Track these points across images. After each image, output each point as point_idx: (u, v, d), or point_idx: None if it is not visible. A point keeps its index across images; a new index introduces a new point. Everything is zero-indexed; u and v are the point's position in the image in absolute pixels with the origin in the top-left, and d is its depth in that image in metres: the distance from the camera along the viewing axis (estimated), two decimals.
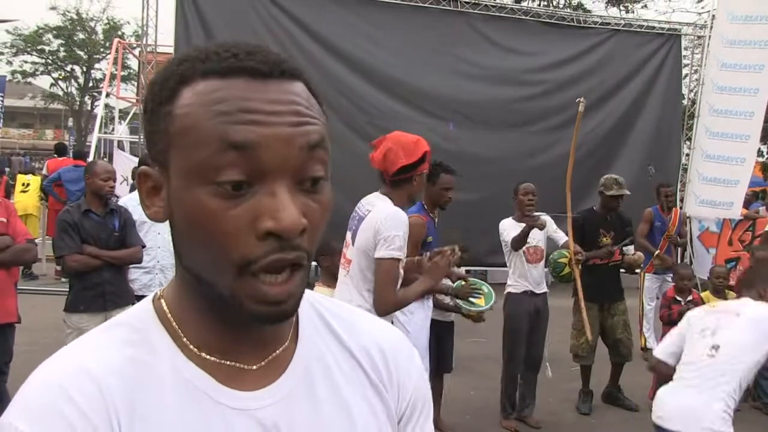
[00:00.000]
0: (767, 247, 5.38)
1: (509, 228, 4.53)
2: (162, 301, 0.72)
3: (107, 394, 0.63)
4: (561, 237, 4.70)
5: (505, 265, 4.76)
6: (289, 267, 0.63)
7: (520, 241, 4.40)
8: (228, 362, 0.69)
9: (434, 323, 3.99)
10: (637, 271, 6.98)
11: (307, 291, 0.81)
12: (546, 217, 4.62)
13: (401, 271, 2.73)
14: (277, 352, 0.72)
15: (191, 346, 0.69)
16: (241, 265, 0.61)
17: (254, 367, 0.70)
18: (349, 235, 2.86)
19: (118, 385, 0.64)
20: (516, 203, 4.62)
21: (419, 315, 3.50)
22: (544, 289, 4.63)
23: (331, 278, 3.66)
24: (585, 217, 5.03)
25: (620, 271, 5.15)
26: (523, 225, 4.44)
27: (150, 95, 0.67)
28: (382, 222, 2.66)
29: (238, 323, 0.68)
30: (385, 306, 2.68)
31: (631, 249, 5.04)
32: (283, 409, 0.69)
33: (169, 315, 0.70)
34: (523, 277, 4.52)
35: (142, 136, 8.73)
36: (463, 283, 3.75)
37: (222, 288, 0.63)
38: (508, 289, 4.62)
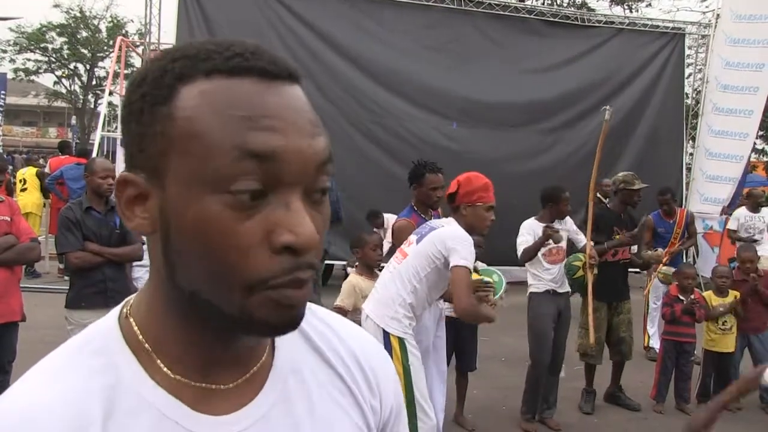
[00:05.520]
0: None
1: (534, 229, 4.39)
2: (131, 320, 0.66)
3: None
4: (581, 240, 4.60)
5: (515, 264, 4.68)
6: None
7: (532, 254, 4.33)
8: (203, 384, 0.64)
9: (454, 321, 3.95)
10: (639, 270, 6.99)
11: None
12: (567, 217, 4.54)
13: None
14: (255, 368, 0.68)
15: (164, 369, 0.63)
16: (253, 283, 0.57)
17: (231, 385, 0.65)
18: (414, 237, 3.26)
19: (76, 426, 0.58)
20: (554, 208, 4.43)
21: (425, 315, 3.48)
22: (566, 288, 4.52)
23: (365, 268, 3.95)
24: (600, 214, 4.94)
25: (628, 270, 5.12)
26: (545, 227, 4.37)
27: (138, 93, 0.60)
28: (450, 237, 3.09)
29: (227, 339, 0.64)
30: (462, 307, 3.05)
31: (633, 249, 5.02)
32: None
33: (141, 336, 0.64)
34: (543, 276, 4.41)
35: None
36: (475, 276, 3.68)
37: (227, 306, 0.58)
38: (531, 289, 4.49)
